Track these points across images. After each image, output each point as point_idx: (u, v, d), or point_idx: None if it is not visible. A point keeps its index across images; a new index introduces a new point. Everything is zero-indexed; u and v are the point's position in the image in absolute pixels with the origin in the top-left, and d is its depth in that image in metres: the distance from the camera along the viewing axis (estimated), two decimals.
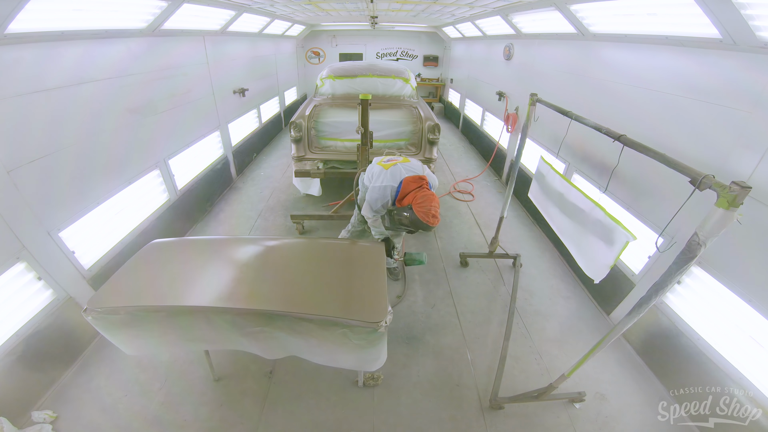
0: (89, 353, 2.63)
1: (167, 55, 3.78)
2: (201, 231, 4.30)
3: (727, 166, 2.11)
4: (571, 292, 3.40)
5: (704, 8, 2.03)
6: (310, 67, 10.60)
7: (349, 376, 2.48)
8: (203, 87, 4.59)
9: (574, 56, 3.90)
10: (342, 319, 1.62)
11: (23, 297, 2.27)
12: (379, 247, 2.19)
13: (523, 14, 4.45)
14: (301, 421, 2.23)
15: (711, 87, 2.27)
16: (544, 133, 4.34)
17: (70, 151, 2.57)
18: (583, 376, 2.51)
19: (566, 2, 3.28)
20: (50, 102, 2.41)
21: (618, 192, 2.97)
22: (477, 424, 2.24)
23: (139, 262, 2.03)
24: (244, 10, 4.79)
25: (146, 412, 2.25)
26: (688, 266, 1.39)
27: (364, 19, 7.76)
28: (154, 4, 3.15)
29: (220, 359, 2.57)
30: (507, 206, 3.35)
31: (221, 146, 5.22)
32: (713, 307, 2.22)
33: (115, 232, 3.08)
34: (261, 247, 2.24)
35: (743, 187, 1.18)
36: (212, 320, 1.71)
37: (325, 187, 4.83)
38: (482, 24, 6.18)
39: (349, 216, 4.15)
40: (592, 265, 2.25)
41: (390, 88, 4.70)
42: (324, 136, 4.42)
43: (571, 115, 2.40)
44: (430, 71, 10.86)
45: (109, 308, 1.67)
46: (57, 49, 2.46)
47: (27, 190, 2.24)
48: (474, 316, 3.09)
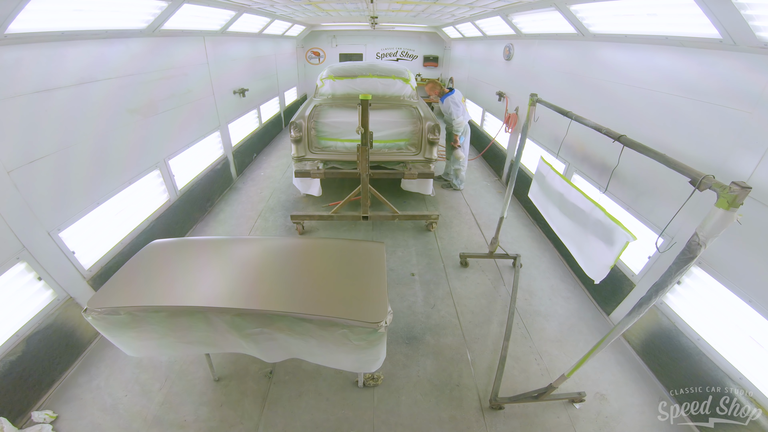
0: (89, 353, 2.63)
1: (167, 55, 3.78)
2: (201, 231, 4.30)
3: (727, 166, 2.11)
4: (571, 292, 3.40)
5: (704, 8, 2.03)
6: (310, 67, 10.61)
7: (349, 376, 2.48)
8: (203, 87, 4.59)
9: (574, 56, 3.90)
10: (342, 319, 1.62)
11: (23, 297, 2.27)
12: (379, 247, 2.19)
13: (523, 14, 4.45)
14: (301, 421, 2.23)
15: (711, 87, 2.27)
16: (544, 133, 4.35)
17: (70, 152, 2.57)
18: (583, 376, 2.51)
19: (566, 2, 3.28)
20: (51, 102, 2.41)
21: (618, 192, 2.97)
22: (477, 425, 2.24)
23: (139, 262, 2.03)
24: (244, 11, 4.79)
25: (146, 412, 2.25)
26: (688, 266, 1.39)
27: (364, 20, 7.76)
28: (154, 5, 3.15)
29: (221, 359, 2.58)
30: (507, 206, 3.35)
31: (221, 146, 5.23)
32: (713, 307, 2.22)
33: (115, 233, 3.09)
34: (261, 248, 2.24)
35: (743, 188, 1.18)
36: (212, 321, 1.71)
37: (325, 188, 4.83)
38: (482, 24, 6.18)
39: (349, 216, 4.17)
40: (592, 265, 2.24)
41: (390, 89, 4.69)
42: (324, 136, 4.42)
43: (571, 116, 2.40)
44: (430, 71, 10.87)
45: (110, 308, 1.67)
46: (57, 49, 2.47)
47: (27, 190, 2.25)
48: (474, 316, 3.09)
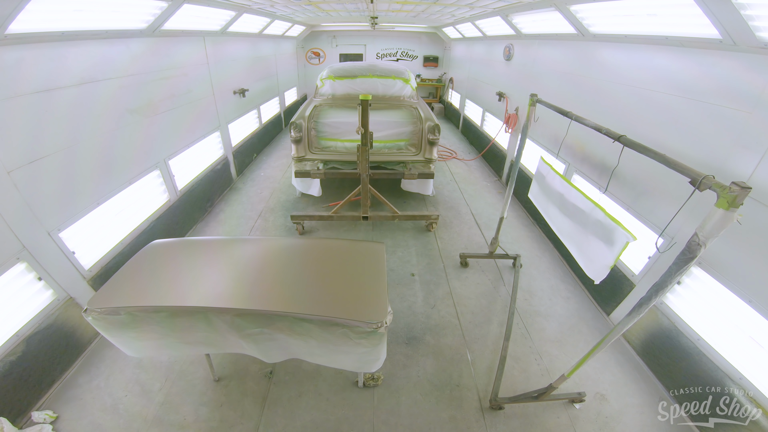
0: (89, 353, 2.63)
1: (167, 55, 3.78)
2: (201, 231, 4.30)
3: (726, 166, 2.11)
4: (571, 292, 3.40)
5: (704, 9, 2.03)
6: (310, 67, 10.61)
7: (349, 376, 2.48)
8: (203, 87, 4.59)
9: (574, 57, 3.90)
10: (342, 319, 1.63)
11: (24, 297, 2.27)
12: (379, 247, 2.19)
13: (523, 15, 4.45)
14: (301, 421, 2.23)
15: (711, 87, 2.27)
16: (544, 133, 4.35)
17: (70, 152, 2.57)
18: (583, 376, 2.51)
19: (566, 3, 3.28)
20: (51, 103, 2.41)
21: (618, 192, 2.97)
22: (477, 425, 2.24)
23: (139, 262, 2.03)
24: (244, 11, 4.79)
25: (146, 413, 2.25)
26: (688, 267, 1.39)
27: (364, 20, 7.76)
28: (154, 5, 3.15)
29: (221, 360, 2.58)
30: (507, 206, 3.35)
31: (221, 147, 5.23)
32: (713, 307, 2.22)
33: (115, 233, 3.09)
34: (261, 248, 2.24)
35: (743, 188, 1.18)
36: (212, 321, 1.71)
37: (325, 188, 4.83)
38: (482, 24, 6.18)
39: (349, 216, 4.17)
40: (592, 265, 2.25)
41: (390, 89, 4.70)
42: (324, 136, 4.43)
43: (571, 116, 2.41)
44: (430, 72, 10.87)
45: (110, 309, 1.67)
46: (57, 49, 2.47)
47: (27, 190, 2.25)
48: (474, 316, 3.09)
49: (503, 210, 3.38)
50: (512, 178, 3.23)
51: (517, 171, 3.22)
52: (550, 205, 2.83)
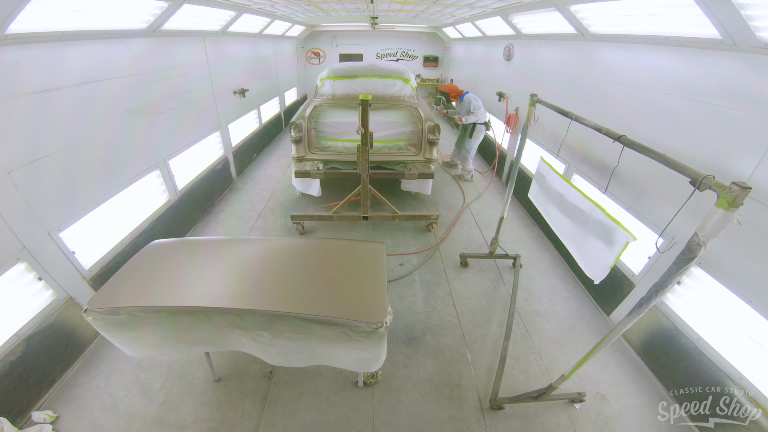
0: (89, 353, 2.63)
1: (167, 55, 3.78)
2: (201, 231, 4.30)
3: (727, 166, 2.11)
4: (571, 292, 3.40)
5: (704, 9, 2.03)
6: (310, 67, 10.61)
7: (349, 376, 2.48)
8: (203, 87, 4.59)
9: (574, 57, 3.90)
10: (342, 319, 1.63)
11: (24, 297, 2.27)
12: (379, 247, 2.19)
13: (523, 15, 4.45)
14: (301, 421, 2.23)
15: (711, 87, 2.27)
16: (544, 133, 4.35)
17: (70, 152, 2.57)
18: (583, 376, 2.51)
19: (566, 3, 3.28)
20: (51, 103, 2.41)
21: (618, 192, 2.97)
22: (477, 425, 2.24)
23: (139, 262, 2.03)
24: (244, 11, 4.79)
25: (146, 413, 2.25)
26: (688, 267, 1.39)
27: (364, 20, 7.76)
28: (154, 5, 3.15)
29: (221, 360, 2.58)
30: (507, 206, 3.35)
31: (221, 147, 5.23)
32: (713, 307, 2.22)
33: (115, 233, 3.08)
34: (261, 248, 2.24)
35: (743, 188, 1.18)
36: (213, 321, 1.71)
37: (324, 188, 4.83)
38: (482, 24, 6.18)
39: (349, 216, 4.17)
40: (592, 265, 2.25)
41: (390, 89, 4.69)
42: (324, 136, 4.42)
43: (571, 116, 2.40)
44: (430, 72, 10.87)
45: (110, 309, 1.67)
46: (57, 49, 2.47)
47: (27, 190, 2.25)
48: (474, 316, 3.09)
49: (503, 210, 3.38)
50: (512, 178, 3.23)
51: (517, 171, 3.22)
52: (550, 205, 2.83)
